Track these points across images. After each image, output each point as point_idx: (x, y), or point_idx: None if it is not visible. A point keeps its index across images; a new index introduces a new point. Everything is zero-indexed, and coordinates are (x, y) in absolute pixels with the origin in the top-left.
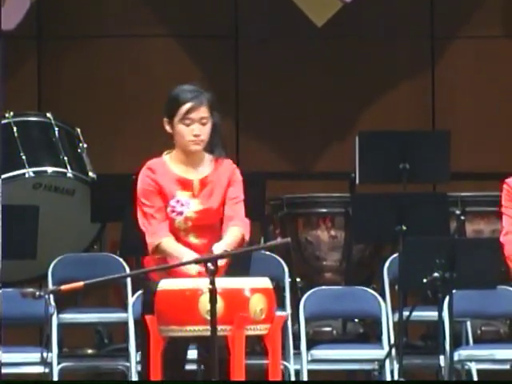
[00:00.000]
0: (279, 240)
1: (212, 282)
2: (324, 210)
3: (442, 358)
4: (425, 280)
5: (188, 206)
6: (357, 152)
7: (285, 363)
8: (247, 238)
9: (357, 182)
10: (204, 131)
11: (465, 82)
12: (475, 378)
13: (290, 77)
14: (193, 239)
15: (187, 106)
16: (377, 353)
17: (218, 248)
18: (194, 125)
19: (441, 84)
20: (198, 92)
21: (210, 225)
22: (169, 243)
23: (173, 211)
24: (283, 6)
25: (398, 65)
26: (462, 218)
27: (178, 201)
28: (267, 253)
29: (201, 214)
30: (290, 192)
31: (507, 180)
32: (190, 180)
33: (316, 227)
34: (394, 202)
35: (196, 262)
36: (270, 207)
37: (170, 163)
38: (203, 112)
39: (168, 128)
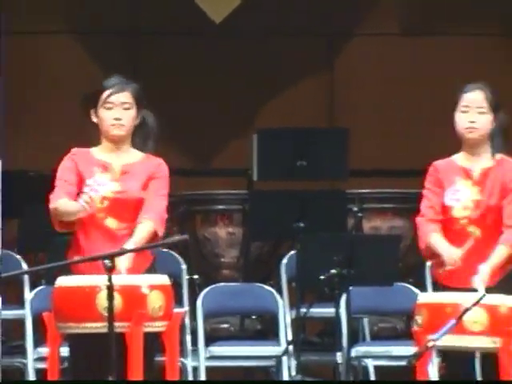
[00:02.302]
0: (177, 237)
1: (109, 279)
2: (222, 207)
3: (339, 354)
4: (322, 277)
5: (105, 185)
6: (255, 149)
7: (182, 360)
8: (160, 233)
9: (255, 178)
10: (126, 116)
11: (363, 80)
12: (372, 375)
13: (189, 74)
14: (110, 222)
15: (109, 91)
16: (274, 349)
17: (128, 245)
18: (115, 109)
19: (339, 82)
20: (121, 80)
21: (127, 209)
22: (66, 202)
23: (91, 189)
24: (181, 2)
25: (297, 62)
26: (360, 214)
27: (95, 180)
28: (165, 250)
29: (118, 195)
30: (188, 189)
31: (435, 162)
32: (110, 163)
33: (214, 224)
34: (291, 199)
35: (93, 259)
36: (169, 204)
37: (93, 151)
38: (125, 97)
39: (94, 118)
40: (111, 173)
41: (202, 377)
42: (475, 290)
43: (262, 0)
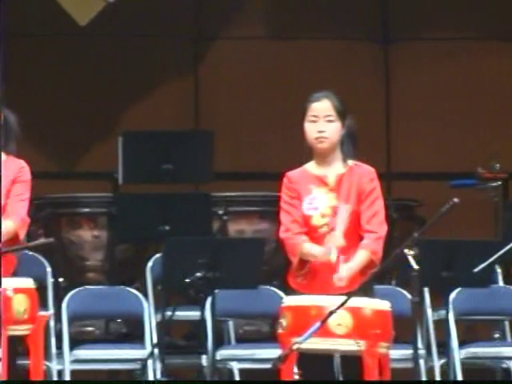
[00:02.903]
0: (42, 240)
1: None
2: (87, 210)
3: (204, 357)
4: (187, 280)
5: None
6: (120, 152)
7: (47, 363)
8: (22, 236)
9: (120, 182)
10: None
11: (228, 83)
12: (237, 378)
13: (54, 75)
14: None
15: None
16: (139, 352)
17: None
18: None
19: (204, 84)
20: None
21: None
22: None
23: None
24: (46, 5)
25: (162, 65)
26: (225, 217)
27: None
28: (30, 253)
29: None
30: (54, 192)
31: (288, 173)
32: None
33: (79, 227)
34: (157, 202)
35: None
36: (33, 207)
37: None
38: None
39: None
40: None
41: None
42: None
43: (127, 3)
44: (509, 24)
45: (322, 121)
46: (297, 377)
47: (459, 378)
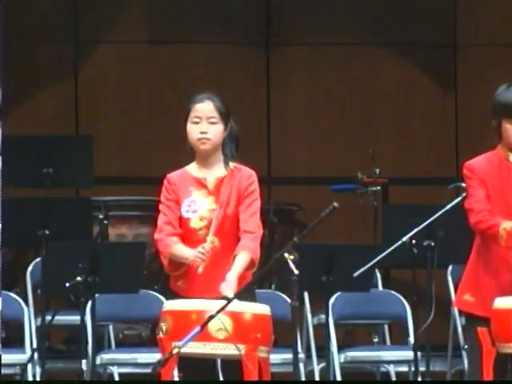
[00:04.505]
0: None
1: None
2: None
3: (84, 362)
4: (68, 284)
5: None
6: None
7: None
8: None
9: None
10: None
11: (109, 87)
12: None
13: None
14: None
15: None
16: (19, 357)
17: None
18: None
19: (85, 88)
20: None
21: None
22: None
23: None
24: None
25: (43, 69)
26: (105, 222)
27: None
28: None
29: None
30: None
31: (168, 175)
32: None
33: None
34: (37, 206)
35: None
36: None
37: None
38: None
39: None
40: None
41: None
42: (215, 298)
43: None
44: (385, 30)
45: (205, 122)
46: (177, 379)
47: None
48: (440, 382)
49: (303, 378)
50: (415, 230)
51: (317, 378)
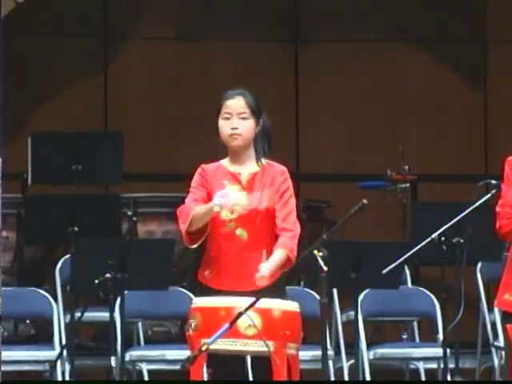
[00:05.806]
0: None
1: None
2: None
3: (113, 358)
4: (97, 281)
5: None
6: (29, 152)
7: None
8: None
9: (29, 182)
10: None
11: (138, 84)
12: (146, 379)
13: None
14: None
15: None
16: (48, 354)
17: None
18: None
19: (114, 85)
20: None
21: None
22: None
23: None
24: None
25: (71, 65)
26: (134, 219)
27: None
28: None
29: None
30: None
31: (203, 165)
32: None
33: None
34: (65, 203)
35: None
36: None
37: None
38: None
39: None
40: None
41: None
42: (243, 293)
43: (35, 2)
44: (407, 26)
45: (236, 118)
46: (207, 377)
47: (368, 378)
48: (466, 382)
49: (332, 375)
50: (444, 227)
51: (346, 375)
